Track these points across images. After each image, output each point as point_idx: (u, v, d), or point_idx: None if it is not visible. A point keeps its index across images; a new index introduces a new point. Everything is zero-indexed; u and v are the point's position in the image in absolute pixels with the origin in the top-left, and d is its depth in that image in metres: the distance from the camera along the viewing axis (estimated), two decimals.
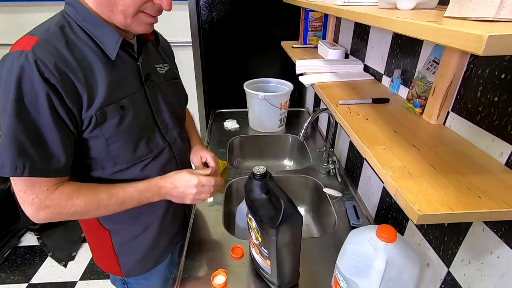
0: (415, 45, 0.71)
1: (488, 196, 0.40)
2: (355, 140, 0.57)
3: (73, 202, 0.61)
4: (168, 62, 0.81)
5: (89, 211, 0.63)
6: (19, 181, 0.57)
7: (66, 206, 0.60)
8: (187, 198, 0.72)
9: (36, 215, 0.59)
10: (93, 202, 0.63)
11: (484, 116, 0.52)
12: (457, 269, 0.59)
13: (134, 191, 0.67)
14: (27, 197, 0.58)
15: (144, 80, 0.69)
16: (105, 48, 0.60)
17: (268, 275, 0.72)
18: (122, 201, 0.65)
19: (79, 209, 0.61)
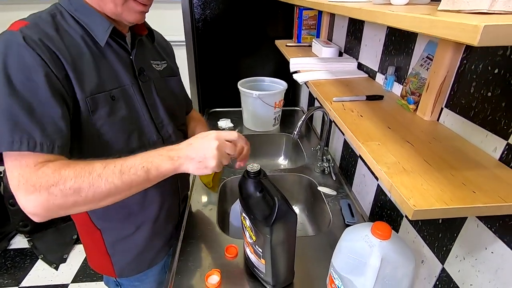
0: (409, 42, 0.71)
1: (482, 191, 0.40)
2: (349, 137, 0.57)
3: (60, 174, 0.49)
4: (167, 59, 0.81)
5: (82, 187, 0.50)
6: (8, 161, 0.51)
7: (54, 180, 0.49)
8: (208, 155, 0.56)
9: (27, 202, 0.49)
10: (85, 171, 0.51)
11: (477, 111, 0.52)
12: (452, 265, 0.59)
13: (135, 157, 0.55)
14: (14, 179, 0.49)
15: (138, 74, 0.68)
16: (95, 35, 0.60)
17: (262, 274, 0.71)
18: (122, 170, 0.53)
19: (69, 182, 0.49)
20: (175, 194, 0.85)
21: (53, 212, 0.51)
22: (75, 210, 0.53)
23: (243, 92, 1.43)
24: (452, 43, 0.54)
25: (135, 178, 0.53)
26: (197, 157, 0.56)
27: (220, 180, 1.15)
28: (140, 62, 0.70)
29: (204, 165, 0.57)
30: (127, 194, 0.55)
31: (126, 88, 0.65)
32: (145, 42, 0.75)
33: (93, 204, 0.53)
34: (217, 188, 1.11)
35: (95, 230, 0.74)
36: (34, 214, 0.50)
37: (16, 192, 0.49)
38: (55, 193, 0.49)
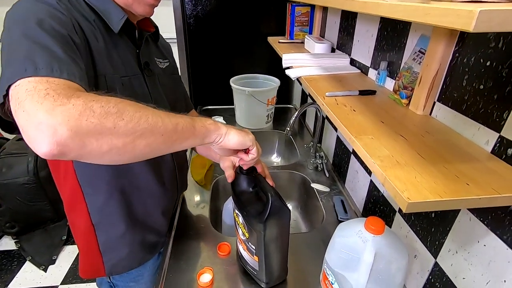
0: (401, 37, 0.71)
1: (476, 183, 0.40)
2: (342, 131, 0.56)
3: (104, 96, 0.41)
4: (169, 59, 0.82)
5: (127, 109, 0.40)
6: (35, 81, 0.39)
7: (95, 97, 0.39)
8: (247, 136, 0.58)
9: (51, 115, 0.35)
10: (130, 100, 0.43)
11: (470, 104, 0.52)
12: (444, 259, 0.59)
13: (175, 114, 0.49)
14: (38, 93, 0.37)
15: (143, 67, 0.69)
16: (109, 22, 0.60)
17: (255, 271, 0.70)
18: (166, 113, 0.46)
19: (113, 102, 0.40)
20: (173, 192, 0.84)
21: (80, 136, 0.36)
22: (107, 143, 0.39)
23: (236, 89, 1.42)
24: (444, 36, 0.54)
25: (182, 121, 0.47)
26: (238, 129, 0.58)
27: (212, 178, 1.14)
28: (146, 57, 0.71)
29: (245, 133, 0.58)
30: (168, 140, 0.45)
31: (133, 78, 0.66)
32: (150, 42, 0.77)
33: (131, 138, 0.40)
34: (210, 186, 1.09)
35: (90, 226, 0.71)
36: (53, 133, 0.35)
37: (39, 104, 0.35)
38: (95, 107, 0.37)
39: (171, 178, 0.81)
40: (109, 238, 0.74)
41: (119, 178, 0.68)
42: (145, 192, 0.74)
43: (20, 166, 1.68)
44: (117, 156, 0.41)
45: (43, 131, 0.34)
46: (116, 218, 0.72)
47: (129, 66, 0.65)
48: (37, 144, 0.35)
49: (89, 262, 0.77)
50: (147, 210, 0.76)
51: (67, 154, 0.36)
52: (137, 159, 0.44)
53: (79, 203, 0.69)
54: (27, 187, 1.68)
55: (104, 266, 0.76)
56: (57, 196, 0.74)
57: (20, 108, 0.36)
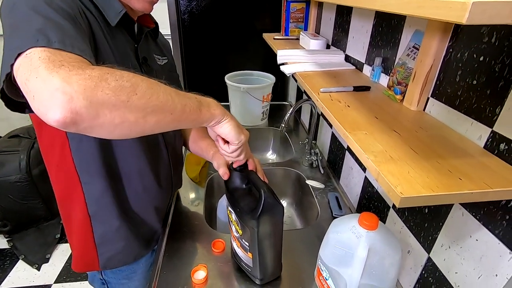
0: (395, 32, 0.71)
1: (468, 178, 0.40)
2: (336, 127, 0.56)
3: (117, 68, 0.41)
4: (167, 55, 0.82)
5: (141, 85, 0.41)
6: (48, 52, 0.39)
7: (110, 70, 0.39)
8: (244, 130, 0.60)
9: (66, 81, 0.34)
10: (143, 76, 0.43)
11: (463, 100, 0.52)
12: (437, 254, 0.59)
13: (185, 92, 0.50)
14: (53, 63, 0.36)
15: (141, 62, 0.68)
16: (107, 14, 0.59)
17: (250, 268, 0.70)
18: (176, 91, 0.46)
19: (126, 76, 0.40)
20: (168, 190, 0.84)
21: (94, 106, 0.36)
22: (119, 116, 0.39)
23: (231, 86, 1.41)
24: (438, 31, 0.54)
25: (190, 103, 0.48)
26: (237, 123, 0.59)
27: (207, 175, 1.13)
28: (144, 53, 0.71)
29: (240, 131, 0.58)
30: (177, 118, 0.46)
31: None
32: (149, 38, 0.76)
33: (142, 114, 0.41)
34: (204, 183, 1.09)
35: (86, 216, 0.71)
36: (68, 100, 0.34)
37: (55, 72, 0.35)
38: (110, 80, 0.38)
39: (166, 175, 0.81)
40: (105, 231, 0.73)
41: (116, 169, 0.68)
42: (140, 186, 0.73)
43: (12, 163, 1.66)
44: (128, 131, 0.41)
45: (59, 97, 0.34)
46: (112, 210, 0.71)
47: (128, 59, 0.65)
48: (50, 110, 0.34)
49: (83, 255, 0.76)
50: (141, 204, 0.76)
51: (79, 123, 0.36)
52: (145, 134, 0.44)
53: (75, 192, 0.68)
54: (19, 185, 1.66)
55: (98, 259, 0.75)
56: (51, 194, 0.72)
57: (33, 74, 0.35)
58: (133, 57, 0.66)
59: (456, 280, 0.54)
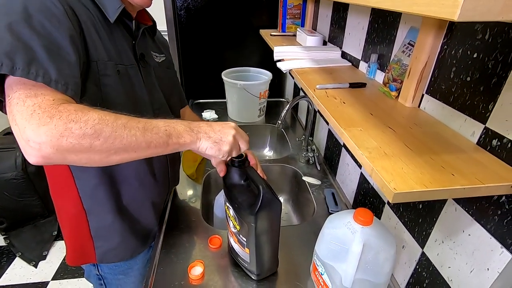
0: (391, 29, 0.71)
1: (461, 174, 0.41)
2: (332, 123, 0.56)
3: (83, 112, 0.45)
4: (165, 53, 0.83)
5: (104, 130, 0.45)
6: (21, 91, 0.44)
7: (76, 117, 0.44)
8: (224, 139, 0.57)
9: (36, 133, 0.41)
10: (110, 116, 0.47)
11: (457, 96, 0.52)
12: (431, 249, 0.60)
13: (158, 120, 0.53)
14: (26, 109, 0.42)
15: (139, 58, 0.69)
16: (105, 11, 0.60)
17: (246, 263, 0.71)
18: (145, 127, 0.50)
19: (91, 122, 0.44)
20: (165, 186, 0.84)
21: (61, 152, 0.43)
22: (85, 158, 0.46)
23: (227, 82, 1.40)
24: (433, 28, 0.54)
25: (156, 138, 0.50)
26: (214, 137, 0.57)
27: (204, 171, 1.13)
28: (142, 49, 0.71)
29: (218, 147, 0.57)
30: (141, 154, 0.51)
31: (129, 67, 0.66)
32: (147, 35, 0.77)
33: (106, 155, 0.47)
34: (201, 180, 1.09)
35: (81, 211, 0.71)
36: (38, 149, 0.42)
37: (27, 122, 0.42)
38: (74, 129, 0.43)
39: (163, 171, 0.81)
40: (101, 225, 0.73)
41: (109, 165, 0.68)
42: (135, 182, 0.73)
43: (8, 161, 1.65)
44: (95, 164, 0.49)
45: (31, 146, 0.42)
46: (106, 205, 0.71)
47: (125, 55, 0.65)
48: (26, 154, 0.43)
49: (78, 247, 0.76)
50: (136, 200, 0.76)
51: (52, 163, 0.45)
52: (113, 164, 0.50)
53: (69, 186, 0.68)
54: (15, 182, 1.65)
55: (95, 252, 0.76)
56: (47, 191, 0.72)
57: (13, 121, 0.43)
58: (130, 54, 0.67)
59: (449, 274, 0.55)
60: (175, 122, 0.54)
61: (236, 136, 0.58)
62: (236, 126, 0.60)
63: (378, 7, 0.37)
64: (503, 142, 0.44)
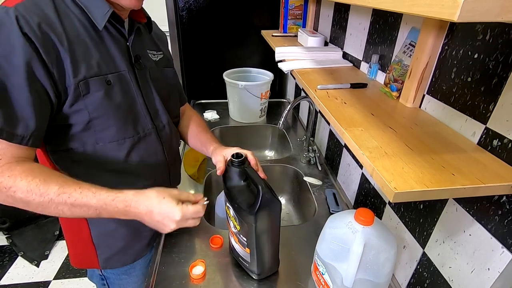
0: (392, 30, 0.71)
1: (461, 173, 0.41)
2: (333, 123, 0.57)
3: (15, 182, 0.51)
4: (163, 50, 0.80)
5: (31, 203, 0.52)
6: None
7: (7, 185, 0.50)
8: (162, 230, 0.60)
9: None
10: (38, 190, 0.52)
11: (457, 97, 0.53)
12: (432, 249, 0.60)
13: (93, 196, 0.55)
14: None
15: (134, 61, 0.67)
16: (93, 18, 0.58)
17: (247, 263, 0.71)
18: (74, 203, 0.54)
19: (19, 193, 0.51)
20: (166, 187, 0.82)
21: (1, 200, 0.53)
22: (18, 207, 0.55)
23: (229, 83, 1.41)
24: (434, 29, 0.54)
25: (84, 215, 0.56)
26: (150, 225, 0.60)
27: (205, 171, 1.14)
28: (137, 50, 0.69)
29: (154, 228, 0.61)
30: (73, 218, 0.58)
31: (122, 73, 0.64)
32: (142, 31, 0.74)
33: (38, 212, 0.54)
34: (203, 180, 1.09)
35: (82, 219, 0.71)
36: None
37: None
38: (6, 194, 0.52)
39: (163, 174, 0.80)
40: (103, 232, 0.73)
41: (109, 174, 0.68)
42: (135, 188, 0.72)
43: None
44: None
45: None
46: None
47: (118, 61, 0.63)
48: None
49: (81, 253, 0.77)
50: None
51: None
52: None
53: None
54: None
55: (98, 259, 0.76)
56: None
57: None
58: (124, 58, 0.64)
59: (450, 275, 0.55)
60: (110, 202, 0.56)
61: (179, 224, 0.60)
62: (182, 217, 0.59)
63: (379, 8, 0.38)
64: (504, 142, 0.44)
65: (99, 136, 0.63)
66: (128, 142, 0.67)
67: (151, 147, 0.73)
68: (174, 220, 0.58)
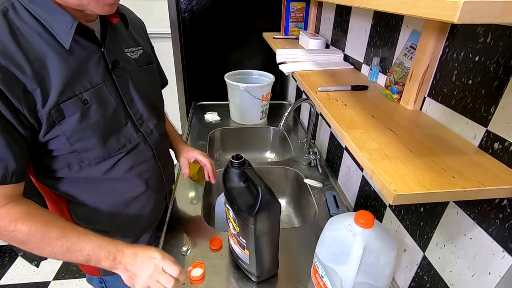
0: (393, 32, 0.71)
1: (462, 176, 0.41)
2: (333, 125, 0.56)
3: (16, 226, 0.53)
4: (142, 44, 0.74)
5: (29, 244, 0.54)
6: None
7: (8, 229, 0.53)
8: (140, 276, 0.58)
9: None
10: (39, 234, 0.54)
11: (458, 99, 0.52)
12: (432, 253, 0.59)
13: (88, 242, 0.57)
14: None
15: (111, 68, 0.62)
16: (57, 35, 0.52)
17: (246, 265, 0.71)
18: (69, 249, 0.56)
19: (19, 235, 0.53)
20: (161, 190, 0.82)
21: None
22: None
23: (230, 84, 1.41)
24: (435, 31, 0.54)
25: (75, 259, 0.57)
26: (131, 272, 0.59)
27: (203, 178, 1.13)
28: (113, 54, 0.63)
29: (132, 282, 0.60)
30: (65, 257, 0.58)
31: (99, 88, 0.60)
32: (117, 28, 0.67)
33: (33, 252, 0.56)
34: (203, 181, 1.09)
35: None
36: None
37: None
38: (4, 235, 0.54)
39: (157, 179, 0.79)
40: None
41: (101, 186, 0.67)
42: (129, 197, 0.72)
43: None
44: None
45: None
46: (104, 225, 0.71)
47: (92, 74, 0.58)
48: None
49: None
50: (133, 213, 0.75)
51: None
52: None
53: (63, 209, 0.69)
54: None
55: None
56: None
57: None
58: (98, 69, 0.60)
59: (450, 278, 0.55)
60: (103, 247, 0.58)
61: (153, 276, 0.58)
62: (160, 260, 0.59)
63: (379, 10, 0.38)
64: (505, 145, 0.44)
65: (84, 156, 0.61)
66: (116, 157, 0.65)
67: (141, 155, 0.71)
68: (153, 257, 0.59)
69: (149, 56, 0.76)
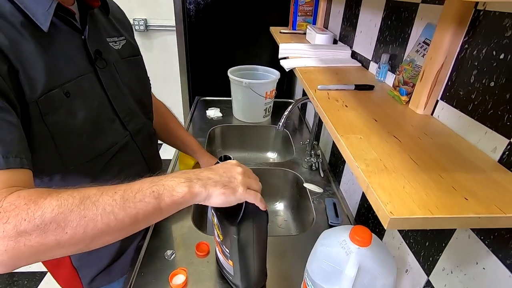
0: (405, 26, 0.64)
1: (476, 198, 0.33)
2: (329, 128, 0.50)
3: (37, 203, 0.36)
4: (125, 34, 0.68)
5: (69, 219, 0.36)
6: None
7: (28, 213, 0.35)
8: (235, 178, 0.46)
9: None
10: (73, 197, 0.37)
11: (477, 104, 0.45)
12: (438, 278, 0.52)
13: (142, 181, 0.43)
14: None
15: (94, 59, 0.57)
16: (34, 17, 0.47)
17: (231, 276, 0.65)
18: (124, 196, 0.39)
19: (49, 213, 0.35)
20: None
21: (25, 259, 0.35)
22: (56, 253, 0.37)
23: (233, 80, 1.35)
24: (452, 24, 0.47)
25: (142, 206, 0.40)
26: (222, 180, 0.45)
27: None
28: (95, 42, 0.58)
29: (232, 191, 0.45)
30: (130, 230, 0.41)
31: (81, 79, 0.54)
32: (97, 15, 0.62)
33: (82, 245, 0.38)
34: None
35: None
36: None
37: None
38: (29, 230, 0.34)
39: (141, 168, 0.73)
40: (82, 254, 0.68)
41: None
42: None
43: None
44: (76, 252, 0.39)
45: None
46: None
47: (74, 64, 0.53)
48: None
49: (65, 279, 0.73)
50: None
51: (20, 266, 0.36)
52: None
53: None
54: None
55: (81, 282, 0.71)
56: None
57: None
58: (80, 59, 0.55)
59: None
60: (164, 178, 0.43)
61: (245, 173, 0.47)
62: (239, 164, 0.49)
63: None
64: None
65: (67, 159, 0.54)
66: (102, 159, 0.59)
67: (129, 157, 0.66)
68: (235, 163, 0.48)
69: (134, 47, 0.70)
